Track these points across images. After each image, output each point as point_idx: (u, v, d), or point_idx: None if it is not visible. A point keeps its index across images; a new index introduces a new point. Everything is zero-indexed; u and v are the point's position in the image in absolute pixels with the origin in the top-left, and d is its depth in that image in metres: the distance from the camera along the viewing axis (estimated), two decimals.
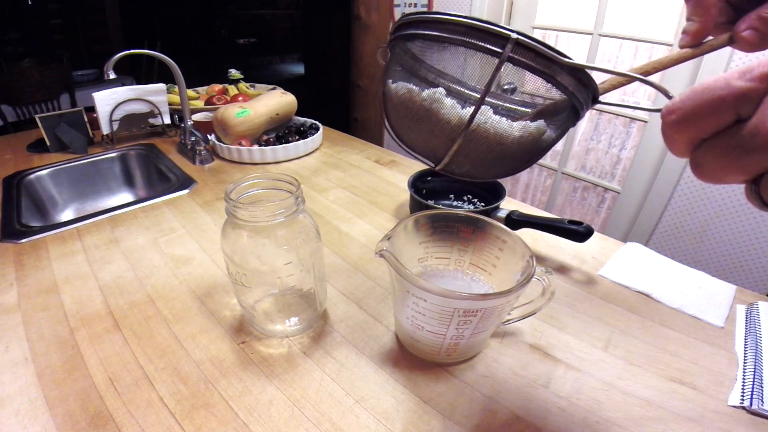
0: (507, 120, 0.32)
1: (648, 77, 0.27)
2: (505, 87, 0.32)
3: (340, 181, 0.87)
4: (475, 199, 0.73)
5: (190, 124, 0.97)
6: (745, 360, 0.44)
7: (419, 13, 0.32)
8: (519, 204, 0.75)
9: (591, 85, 0.30)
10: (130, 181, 1.03)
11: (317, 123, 1.09)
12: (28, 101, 2.11)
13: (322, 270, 0.48)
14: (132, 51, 0.84)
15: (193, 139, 0.96)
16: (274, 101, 1.03)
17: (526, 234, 0.64)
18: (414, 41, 0.34)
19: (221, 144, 0.96)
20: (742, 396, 0.40)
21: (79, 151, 0.97)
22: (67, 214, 0.93)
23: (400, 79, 0.36)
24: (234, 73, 1.29)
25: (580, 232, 0.56)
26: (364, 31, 2.07)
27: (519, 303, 0.44)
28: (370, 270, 0.59)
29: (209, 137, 1.00)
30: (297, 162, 0.97)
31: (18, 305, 0.52)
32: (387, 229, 0.60)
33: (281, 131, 1.04)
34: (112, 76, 0.79)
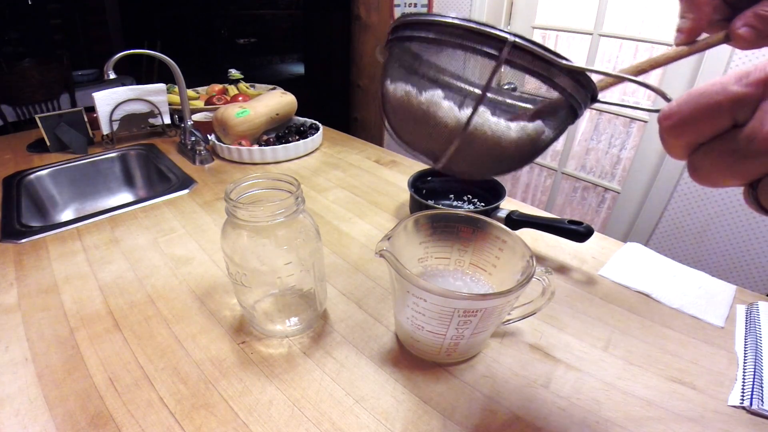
0: (505, 121, 0.32)
1: (647, 79, 0.27)
2: (505, 87, 0.32)
3: (340, 181, 0.87)
4: (475, 199, 0.73)
5: (190, 124, 0.97)
6: (745, 360, 0.44)
7: (415, 15, 0.32)
8: (519, 204, 0.75)
9: (590, 86, 0.30)
10: (130, 181, 1.03)
11: (317, 123, 1.09)
12: (28, 101, 2.11)
13: (322, 270, 0.48)
14: (132, 51, 0.84)
15: (193, 139, 0.96)
16: (274, 101, 1.03)
17: (526, 234, 0.64)
18: (411, 43, 0.34)
19: (221, 144, 0.96)
20: (742, 396, 0.40)
21: (79, 151, 0.97)
22: (67, 214, 0.93)
23: (398, 79, 0.36)
24: (234, 73, 1.29)
25: (580, 232, 0.56)
26: (364, 31, 2.08)
27: (519, 303, 0.44)
28: (370, 270, 0.59)
29: (209, 137, 1.00)
30: (297, 162, 0.97)
31: (18, 305, 0.52)
32: (387, 229, 0.60)
33: (281, 131, 1.04)
34: (112, 76, 0.79)
